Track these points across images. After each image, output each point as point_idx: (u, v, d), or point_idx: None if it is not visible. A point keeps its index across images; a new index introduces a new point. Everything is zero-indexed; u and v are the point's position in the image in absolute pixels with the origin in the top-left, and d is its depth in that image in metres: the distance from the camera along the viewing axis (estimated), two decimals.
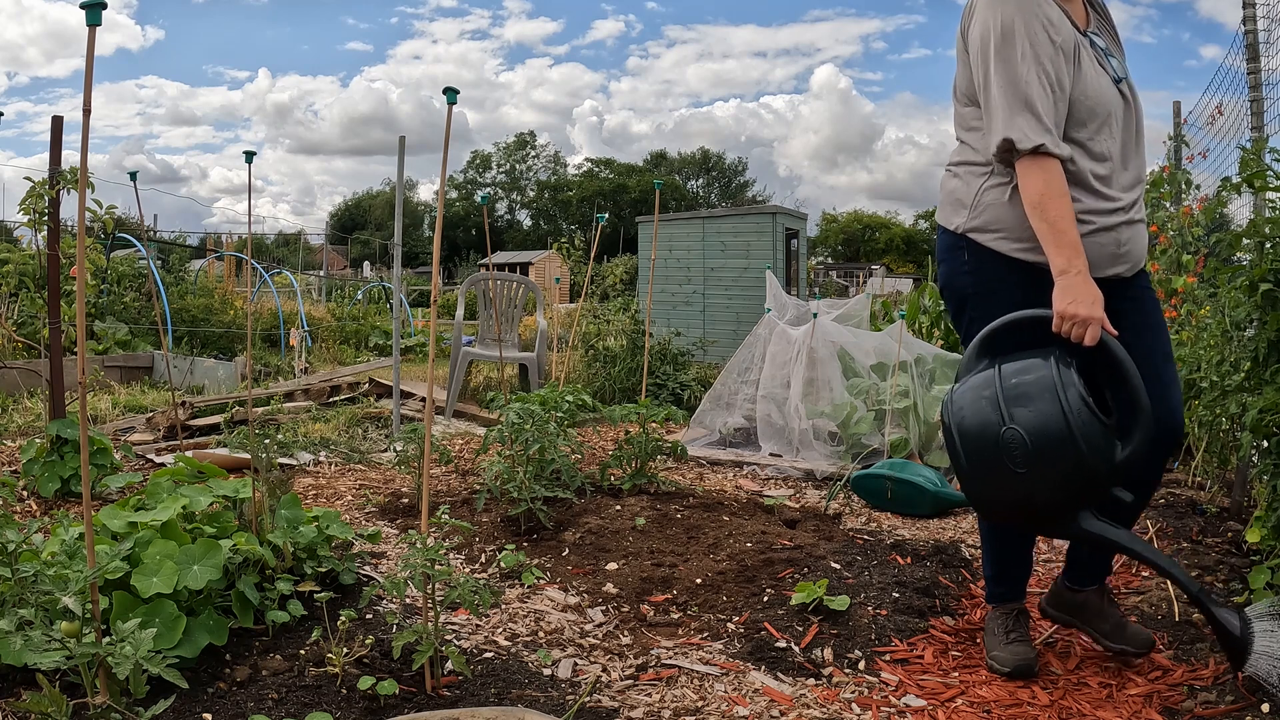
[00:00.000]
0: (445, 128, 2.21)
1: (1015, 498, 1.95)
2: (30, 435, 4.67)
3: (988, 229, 2.12)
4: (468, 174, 61.44)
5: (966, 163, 2.21)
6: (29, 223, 3.75)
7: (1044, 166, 1.98)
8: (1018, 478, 1.90)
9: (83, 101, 1.69)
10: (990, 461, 1.93)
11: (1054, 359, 1.94)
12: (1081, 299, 1.92)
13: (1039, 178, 1.98)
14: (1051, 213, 1.96)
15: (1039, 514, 1.98)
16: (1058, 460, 1.88)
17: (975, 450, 1.96)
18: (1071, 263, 1.94)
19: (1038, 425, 1.88)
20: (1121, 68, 2.15)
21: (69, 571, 1.78)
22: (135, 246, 10.60)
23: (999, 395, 1.93)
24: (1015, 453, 1.89)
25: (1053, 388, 1.90)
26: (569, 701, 2.01)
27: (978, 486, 2.00)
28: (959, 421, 1.99)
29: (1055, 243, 1.95)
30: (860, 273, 40.26)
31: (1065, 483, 1.90)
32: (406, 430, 3.84)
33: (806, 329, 5.09)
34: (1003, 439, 1.91)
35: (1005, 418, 1.91)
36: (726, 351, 7.52)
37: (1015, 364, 1.98)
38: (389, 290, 16.32)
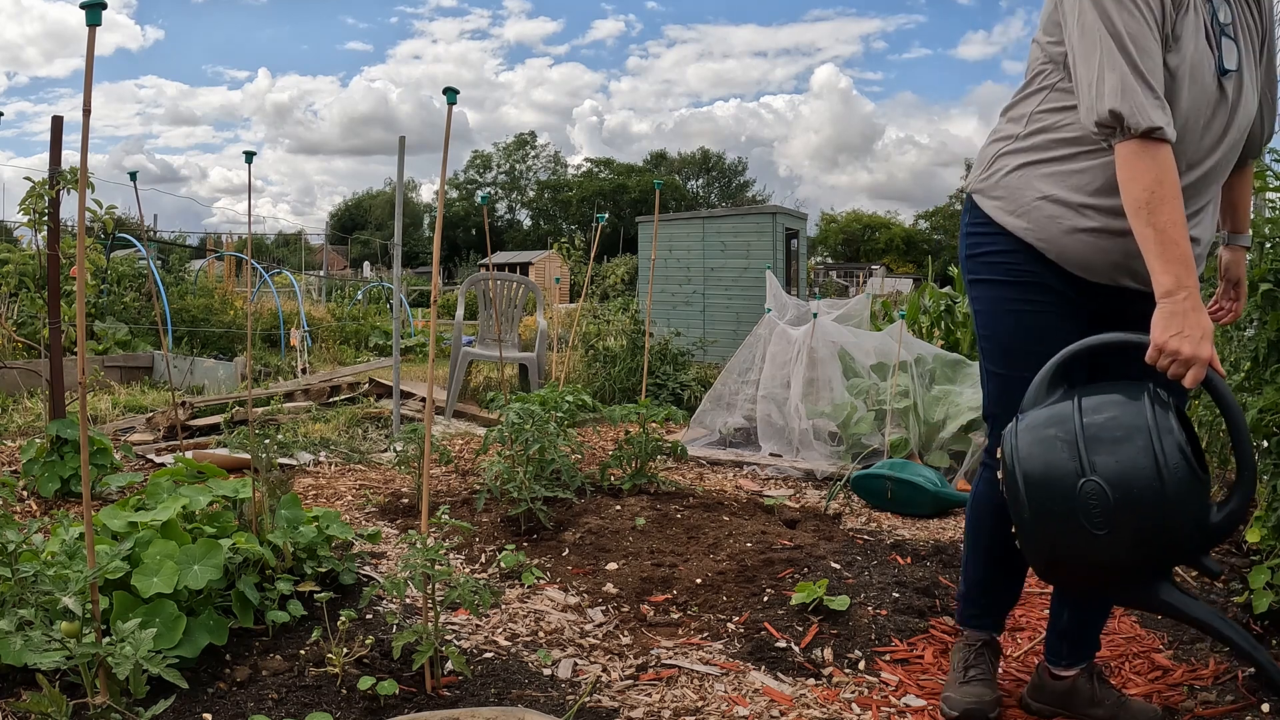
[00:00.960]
0: (445, 128, 2.21)
1: (1087, 560, 1.63)
2: (30, 435, 4.67)
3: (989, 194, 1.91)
4: (468, 174, 61.52)
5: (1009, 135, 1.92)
6: (29, 223, 3.75)
7: (1158, 156, 1.59)
8: (1093, 539, 1.59)
9: (83, 101, 1.69)
10: (1061, 517, 1.61)
11: (1149, 397, 1.62)
12: (1189, 331, 1.55)
13: (1150, 170, 1.59)
14: (1163, 216, 1.57)
15: (1113, 580, 1.67)
16: (1144, 521, 1.56)
17: (1043, 502, 1.63)
18: (1181, 282, 1.56)
19: (1124, 478, 1.56)
20: (1241, 57, 1.73)
21: (69, 571, 1.78)
22: (135, 246, 10.60)
23: (1078, 437, 1.60)
24: (1094, 509, 1.57)
25: (1146, 433, 1.57)
26: (569, 701, 2.01)
27: (1043, 545, 1.67)
28: (1025, 466, 1.65)
29: (1162, 255, 1.57)
30: (860, 273, 40.26)
31: (1149, 547, 1.59)
32: (406, 430, 3.84)
33: (806, 329, 5.09)
34: (1080, 492, 1.58)
35: (1085, 466, 1.58)
36: (726, 351, 7.52)
37: (1098, 398, 1.66)
38: (389, 290, 16.32)
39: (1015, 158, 1.87)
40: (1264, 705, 1.99)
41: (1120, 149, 1.62)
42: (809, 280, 18.01)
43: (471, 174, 61.80)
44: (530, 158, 62.90)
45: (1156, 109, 1.59)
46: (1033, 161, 1.84)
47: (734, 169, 62.34)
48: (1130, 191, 1.61)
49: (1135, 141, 1.60)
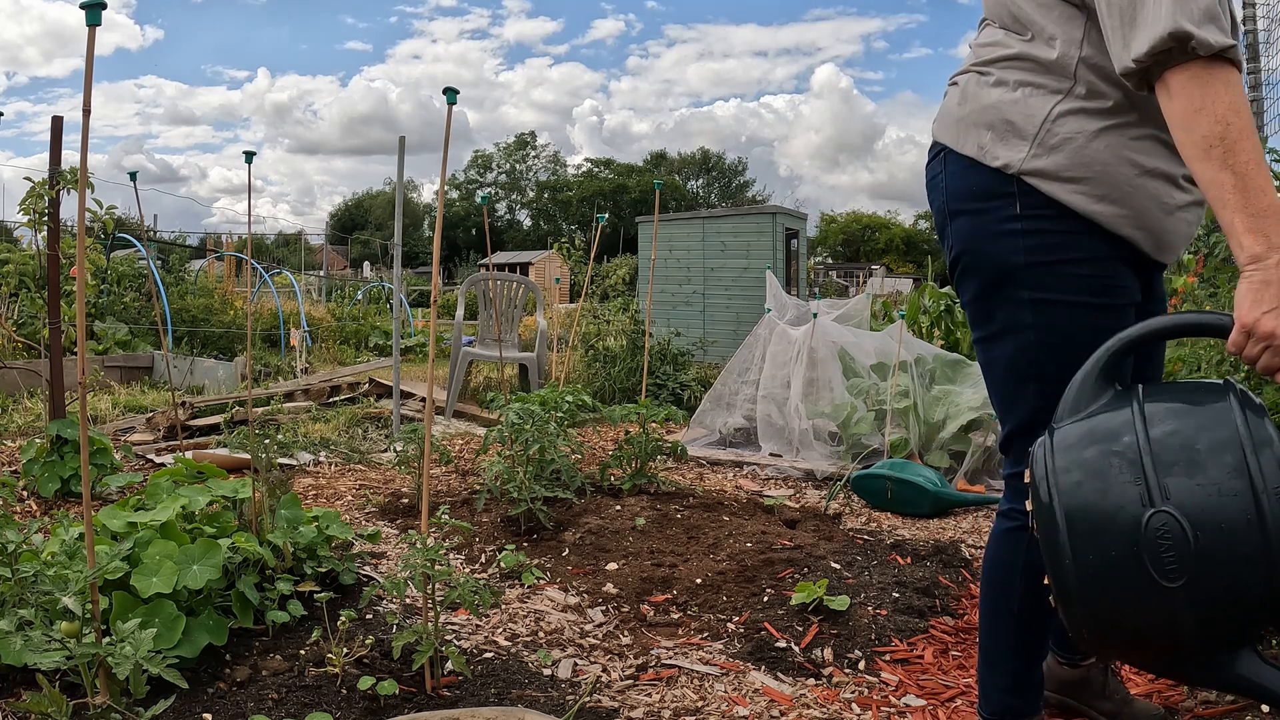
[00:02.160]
0: (445, 128, 2.21)
1: (1153, 624, 1.22)
2: (30, 435, 4.67)
3: (1062, 174, 1.43)
4: (468, 174, 61.55)
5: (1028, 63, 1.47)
6: (29, 223, 3.75)
7: (1232, 81, 1.25)
8: (1164, 595, 1.19)
9: (83, 101, 1.69)
10: (1119, 564, 1.21)
11: (1235, 399, 1.24)
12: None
13: (1225, 97, 1.23)
14: (1243, 155, 1.21)
15: (1180, 650, 1.25)
16: (1234, 565, 1.17)
17: (1095, 545, 1.22)
18: (1275, 242, 1.20)
19: (1208, 509, 1.17)
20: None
21: (69, 571, 1.78)
22: (135, 246, 10.60)
23: (1143, 453, 1.22)
24: (1167, 552, 1.18)
25: (1237, 447, 1.19)
26: (569, 702, 2.01)
27: (1092, 607, 1.25)
28: (1068, 497, 1.25)
29: (1246, 206, 1.21)
30: (860, 273, 40.27)
31: (1236, 603, 1.19)
32: (406, 430, 3.84)
33: (806, 329, 5.09)
34: (1148, 529, 1.19)
35: (1154, 494, 1.19)
36: (726, 351, 7.52)
37: (1166, 403, 1.27)
38: (389, 290, 16.32)
39: (1089, 120, 1.42)
40: (1264, 705, 1.99)
41: (1176, 77, 1.26)
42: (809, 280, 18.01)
43: (472, 174, 61.89)
44: (530, 158, 62.96)
45: (1221, 26, 1.25)
46: (1115, 125, 1.42)
47: (734, 169, 62.41)
48: (1196, 128, 1.24)
49: (1199, 64, 1.24)
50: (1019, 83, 1.47)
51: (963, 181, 1.53)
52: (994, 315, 1.55)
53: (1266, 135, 3.96)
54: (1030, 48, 1.46)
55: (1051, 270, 1.46)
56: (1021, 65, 1.47)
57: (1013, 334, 1.52)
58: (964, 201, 1.53)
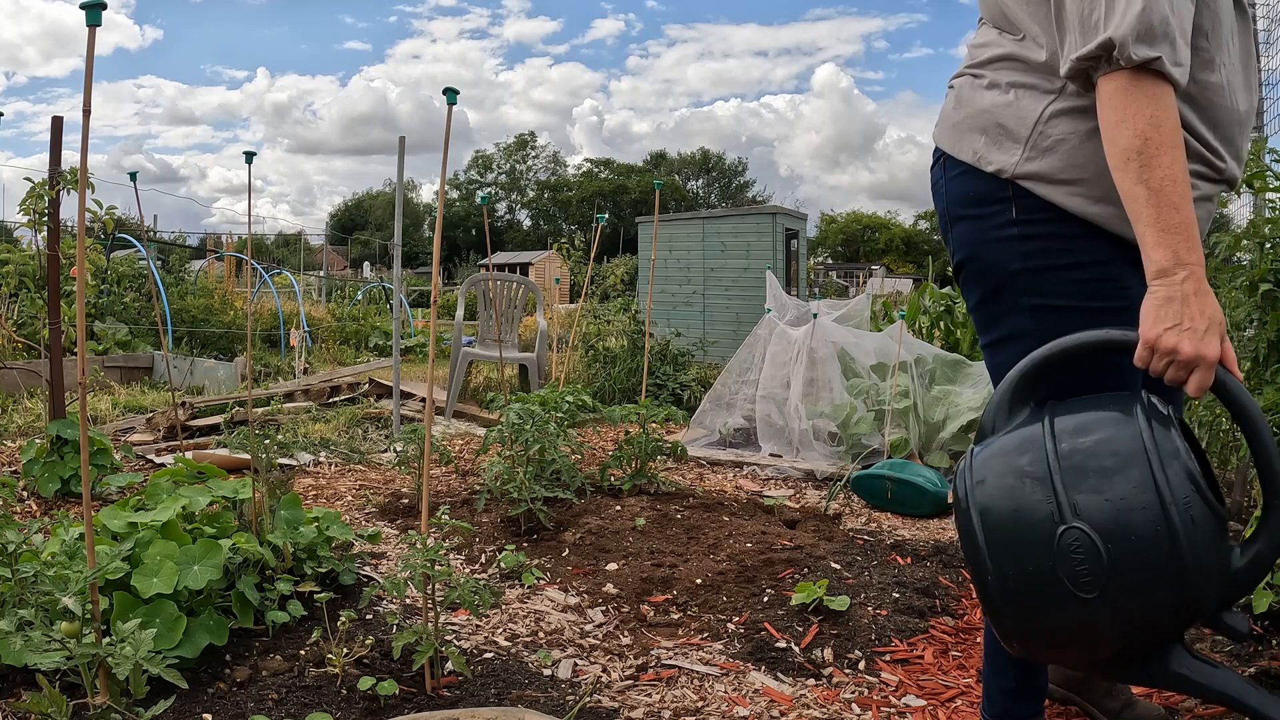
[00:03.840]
0: (445, 128, 2.21)
1: (1074, 632, 1.25)
2: (30, 435, 4.67)
3: (1057, 177, 1.40)
4: (468, 174, 61.59)
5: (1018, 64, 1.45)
6: (29, 223, 3.75)
7: (1156, 94, 1.24)
8: (1082, 605, 1.20)
9: (82, 102, 1.69)
10: (1036, 577, 1.23)
11: (1142, 411, 1.25)
12: (1191, 321, 1.21)
13: (1146, 110, 1.24)
14: (1159, 170, 1.22)
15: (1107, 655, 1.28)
16: (1147, 577, 1.19)
17: (1010, 557, 1.25)
18: (1180, 259, 1.21)
19: (1118, 522, 1.19)
20: None
21: (69, 572, 1.78)
22: (135, 247, 10.60)
23: (1051, 470, 1.23)
24: (1080, 566, 1.20)
25: (1143, 460, 1.20)
26: (569, 702, 2.01)
27: (1014, 615, 1.28)
28: (983, 508, 1.28)
29: (1157, 221, 1.22)
30: (860, 273, 40.29)
31: (1153, 610, 1.21)
32: (406, 430, 3.84)
33: (806, 329, 5.09)
34: (1060, 544, 1.21)
35: (1064, 510, 1.21)
36: (726, 352, 7.53)
37: (1077, 416, 1.29)
38: (389, 291, 16.32)
39: (1082, 120, 1.38)
40: None
41: (1104, 87, 1.28)
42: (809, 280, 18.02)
43: (472, 174, 61.92)
44: (530, 158, 63.00)
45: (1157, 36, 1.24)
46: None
47: (734, 169, 62.44)
48: (1118, 139, 1.25)
49: (1127, 75, 1.25)
50: (1011, 84, 1.45)
51: (961, 187, 1.52)
52: (998, 321, 1.54)
53: (1267, 135, 3.96)
54: (1021, 48, 1.44)
55: (1050, 276, 1.44)
56: (1013, 66, 1.46)
57: (1016, 340, 1.50)
58: (963, 207, 1.52)
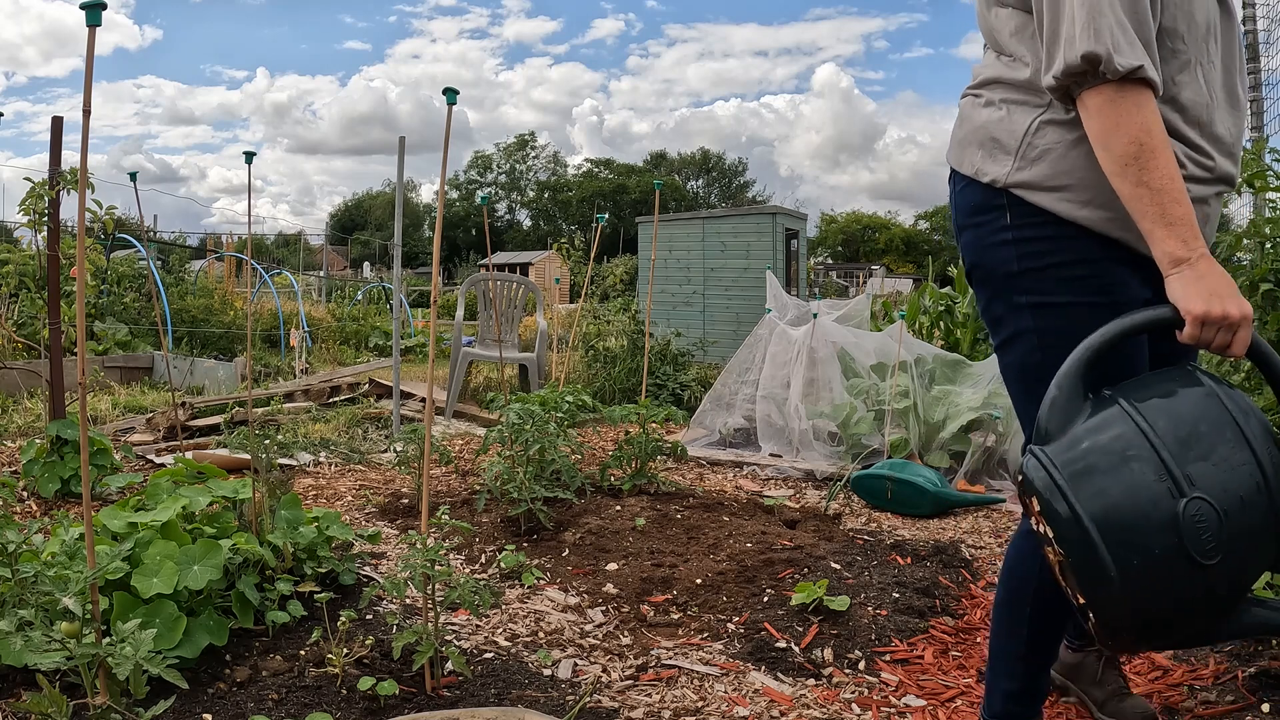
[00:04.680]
0: (445, 128, 2.21)
1: (1193, 604, 1.27)
2: (30, 435, 4.67)
3: (1046, 184, 1.49)
4: (468, 174, 61.59)
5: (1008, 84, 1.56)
6: (29, 223, 3.75)
7: (1142, 102, 1.34)
8: (1202, 573, 1.23)
9: (82, 102, 1.69)
10: (1163, 559, 1.24)
11: (1207, 378, 1.35)
12: (1221, 291, 1.31)
13: (1136, 118, 1.33)
14: (1157, 171, 1.33)
15: (1210, 619, 1.30)
16: (1255, 531, 1.25)
17: (1135, 546, 1.24)
18: (1190, 245, 1.32)
19: (1228, 485, 1.24)
20: None
21: (69, 572, 1.78)
22: (135, 247, 10.60)
23: (1156, 448, 1.26)
24: (1205, 535, 1.22)
25: (1231, 421, 1.28)
26: (569, 702, 2.01)
27: (1137, 607, 1.27)
28: (1093, 504, 1.26)
29: (1163, 217, 1.32)
30: (860, 273, 40.30)
31: (1260, 562, 1.28)
32: (406, 431, 3.84)
33: (807, 329, 5.09)
34: (1185, 518, 1.23)
35: (1180, 483, 1.24)
36: (726, 352, 7.52)
37: (1154, 398, 1.33)
38: (389, 291, 16.32)
39: (1067, 130, 1.47)
40: (1264, 705, 1.99)
41: (1092, 99, 1.37)
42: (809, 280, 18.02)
43: (472, 174, 61.91)
44: (530, 158, 62.99)
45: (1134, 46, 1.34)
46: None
47: (734, 169, 62.43)
48: (1112, 146, 1.35)
49: (1112, 87, 1.35)
50: (1003, 100, 1.57)
51: (965, 199, 1.62)
52: (1003, 322, 1.60)
53: (1267, 135, 3.96)
54: (1008, 70, 1.57)
55: (1045, 274, 1.51)
56: (1004, 85, 1.57)
57: (1019, 339, 1.57)
58: (968, 217, 1.62)
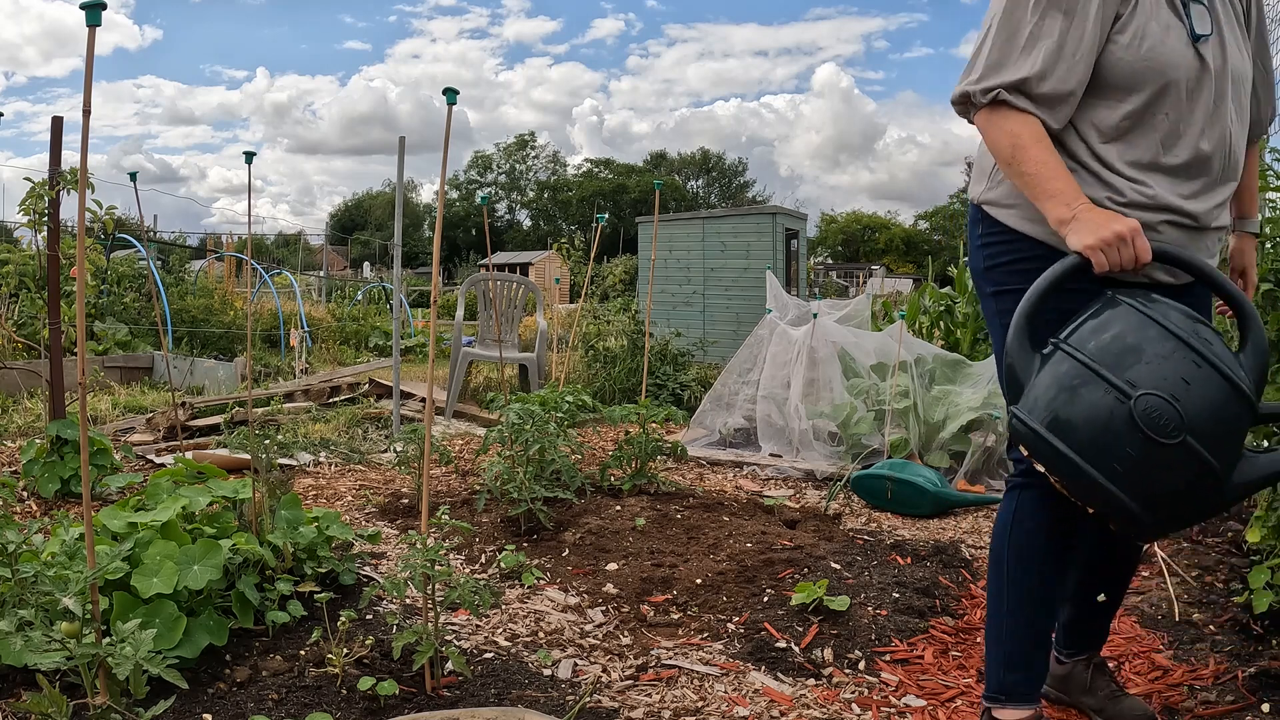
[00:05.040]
0: (445, 128, 2.21)
1: (1186, 476, 1.48)
2: (30, 435, 4.67)
3: (1003, 202, 1.76)
4: (468, 174, 61.58)
5: None
6: (29, 223, 3.75)
7: (1007, 114, 1.63)
8: (1178, 450, 1.45)
9: (82, 102, 1.69)
10: (1139, 453, 1.46)
11: (1117, 295, 1.56)
12: (1104, 220, 1.53)
13: (1005, 126, 1.63)
14: (1029, 162, 1.60)
15: (1207, 485, 1.50)
16: (1210, 399, 1.47)
17: (1113, 452, 1.47)
18: (1071, 205, 1.57)
19: (1167, 372, 1.47)
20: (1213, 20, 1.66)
21: (69, 572, 1.78)
22: (135, 247, 10.61)
23: (1096, 370, 1.49)
24: (1162, 420, 1.45)
25: (1148, 320, 1.51)
26: (569, 702, 2.01)
27: (1138, 492, 1.48)
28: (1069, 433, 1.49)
29: (1042, 191, 1.59)
30: (860, 273, 40.30)
31: (1228, 423, 1.49)
32: (406, 431, 3.84)
33: (807, 329, 5.09)
34: (1139, 416, 1.45)
35: (1124, 389, 1.47)
36: (726, 352, 7.52)
37: (1082, 329, 1.55)
38: (389, 291, 16.32)
39: None
40: (1264, 705, 1.99)
41: (977, 121, 1.69)
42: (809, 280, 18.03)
43: (472, 174, 61.90)
44: (530, 158, 62.97)
45: (1005, 72, 1.61)
46: None
47: (734, 169, 62.41)
48: (998, 152, 1.66)
49: (985, 110, 1.66)
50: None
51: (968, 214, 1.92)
52: (985, 314, 1.89)
53: (1268, 134, 3.95)
54: None
55: (1004, 268, 1.79)
56: None
57: (995, 328, 1.83)
58: (967, 228, 1.94)
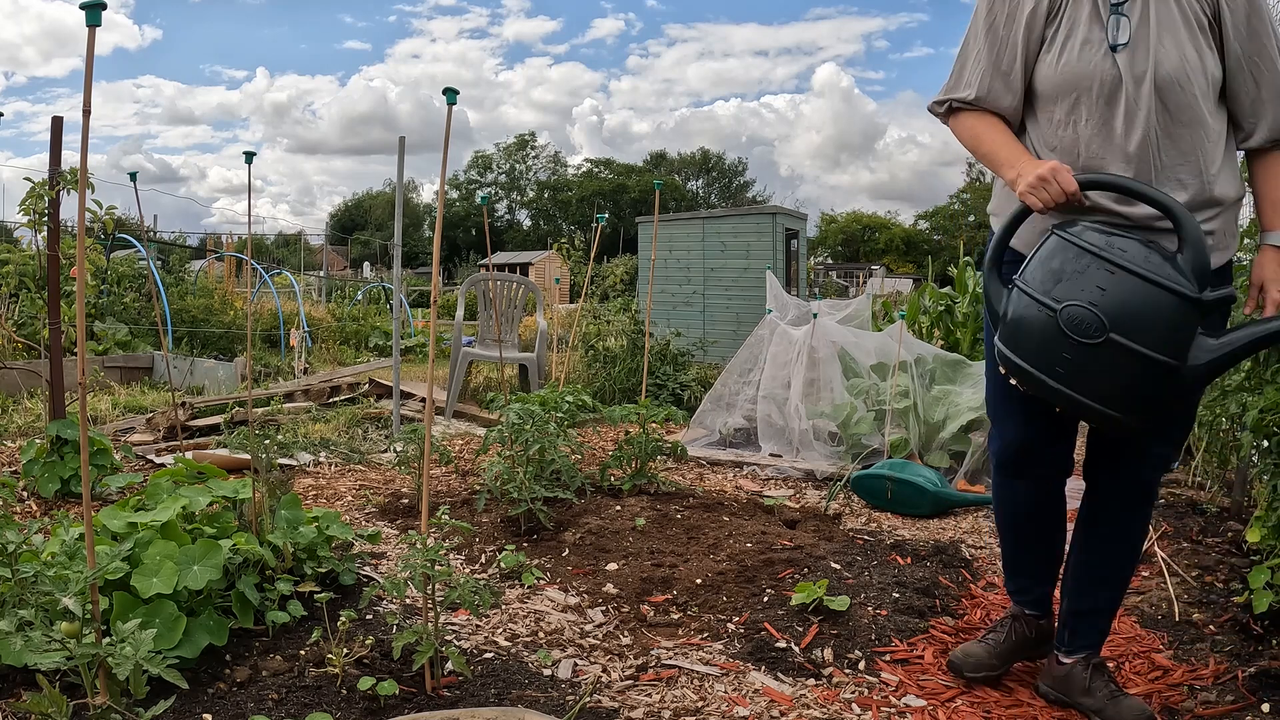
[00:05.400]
0: (445, 128, 2.21)
1: (1133, 369, 1.66)
2: (30, 435, 4.67)
3: (994, 212, 2.06)
4: (468, 174, 61.55)
5: None
6: (29, 223, 3.75)
7: (963, 116, 1.97)
8: (1107, 347, 1.66)
9: (82, 102, 1.69)
10: (1078, 356, 1.69)
11: (1053, 230, 1.80)
12: (1031, 169, 1.79)
13: (965, 124, 1.96)
14: (986, 144, 1.92)
15: (1173, 370, 1.66)
16: (1126, 300, 1.67)
17: (1058, 358, 1.71)
18: (1015, 166, 1.83)
19: (1084, 284, 1.69)
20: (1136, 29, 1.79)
21: (69, 572, 1.78)
22: (135, 247, 10.61)
23: (1032, 294, 1.75)
24: (1083, 324, 1.68)
25: (1066, 243, 1.74)
26: (569, 702, 2.01)
27: (1088, 390, 1.71)
28: (1026, 356, 1.75)
29: (998, 163, 1.88)
30: (860, 273, 40.29)
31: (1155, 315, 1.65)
32: (406, 431, 3.84)
33: (807, 329, 5.09)
34: (1066, 324, 1.69)
35: (1050, 305, 1.71)
36: (726, 352, 7.53)
37: (1029, 266, 1.81)
38: (389, 291, 16.32)
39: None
40: (1264, 705, 1.99)
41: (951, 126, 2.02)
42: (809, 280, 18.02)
43: (472, 174, 61.87)
44: (530, 158, 62.94)
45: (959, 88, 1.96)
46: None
47: (734, 169, 62.39)
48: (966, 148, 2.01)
49: (951, 119, 2.01)
50: None
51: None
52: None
53: None
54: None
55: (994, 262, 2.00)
56: None
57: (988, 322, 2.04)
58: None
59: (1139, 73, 1.78)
